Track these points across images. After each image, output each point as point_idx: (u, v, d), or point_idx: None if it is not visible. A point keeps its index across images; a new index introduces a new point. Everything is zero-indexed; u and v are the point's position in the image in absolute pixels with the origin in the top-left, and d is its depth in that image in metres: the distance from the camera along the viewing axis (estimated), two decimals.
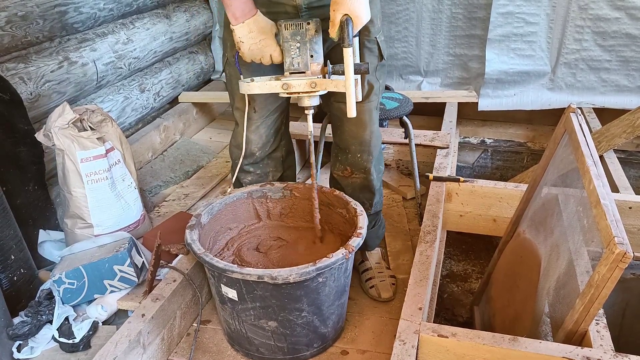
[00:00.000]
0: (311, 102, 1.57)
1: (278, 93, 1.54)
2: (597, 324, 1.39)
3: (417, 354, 1.37)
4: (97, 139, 1.88)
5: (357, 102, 1.56)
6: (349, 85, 1.44)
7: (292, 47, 1.51)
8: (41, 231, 1.97)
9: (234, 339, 1.67)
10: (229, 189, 1.89)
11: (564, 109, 1.67)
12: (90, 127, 1.90)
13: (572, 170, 1.53)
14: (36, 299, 1.72)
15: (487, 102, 3.14)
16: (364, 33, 1.64)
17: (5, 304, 1.61)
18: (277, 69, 1.60)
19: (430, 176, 2.19)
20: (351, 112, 1.46)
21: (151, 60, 2.84)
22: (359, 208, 1.70)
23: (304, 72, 1.53)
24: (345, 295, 1.68)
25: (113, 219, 1.95)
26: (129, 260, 1.73)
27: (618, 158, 2.63)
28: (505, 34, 2.98)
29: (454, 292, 2.45)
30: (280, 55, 1.54)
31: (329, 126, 2.41)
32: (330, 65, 1.53)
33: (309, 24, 1.50)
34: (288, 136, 1.96)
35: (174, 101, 3.13)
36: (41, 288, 1.75)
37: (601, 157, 2.61)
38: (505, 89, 3.11)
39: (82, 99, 2.36)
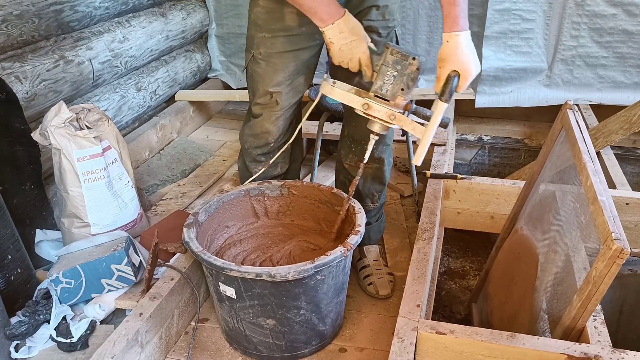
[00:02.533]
0: (381, 130, 1.53)
1: (355, 106, 1.50)
2: (595, 320, 1.39)
3: (415, 351, 1.37)
4: (93, 138, 1.88)
5: None
6: (429, 135, 1.44)
7: (388, 72, 1.47)
8: (38, 231, 1.96)
9: (232, 337, 1.67)
10: (227, 187, 1.89)
11: (561, 105, 1.67)
12: (86, 126, 1.89)
13: (569, 167, 1.53)
14: (33, 298, 1.72)
15: (484, 99, 3.13)
16: (386, 24, 1.68)
17: (3, 304, 1.60)
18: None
19: (428, 173, 2.19)
20: (419, 160, 1.45)
21: (147, 59, 2.84)
22: (357, 206, 1.69)
23: (387, 101, 1.49)
24: (344, 292, 1.68)
25: (110, 218, 1.95)
26: (126, 259, 1.73)
27: (615, 154, 2.64)
28: (502, 30, 2.97)
29: (452, 289, 2.45)
30: (369, 59, 1.52)
31: (326, 124, 2.42)
32: (415, 106, 1.51)
33: (414, 59, 1.46)
34: (295, 127, 1.91)
35: (170, 100, 3.13)
36: (38, 287, 1.74)
37: (598, 153, 2.62)
38: (502, 85, 3.11)
39: (79, 98, 2.36)
